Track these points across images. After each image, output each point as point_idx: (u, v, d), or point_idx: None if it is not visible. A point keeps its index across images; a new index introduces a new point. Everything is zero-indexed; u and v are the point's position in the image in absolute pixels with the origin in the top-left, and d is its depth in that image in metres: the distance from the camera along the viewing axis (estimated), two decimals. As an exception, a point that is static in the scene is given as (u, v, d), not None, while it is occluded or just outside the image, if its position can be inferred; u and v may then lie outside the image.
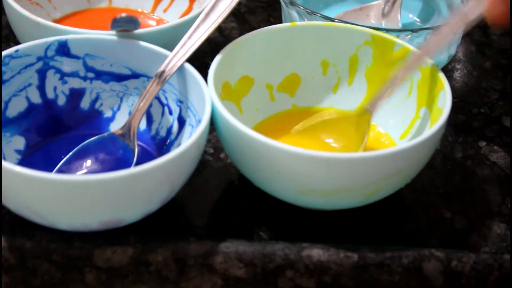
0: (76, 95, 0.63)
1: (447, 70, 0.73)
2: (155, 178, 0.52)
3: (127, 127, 0.59)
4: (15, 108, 0.60)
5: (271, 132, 0.61)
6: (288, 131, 0.62)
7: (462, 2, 0.70)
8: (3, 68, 0.59)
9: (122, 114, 0.63)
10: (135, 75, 0.62)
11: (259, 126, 0.63)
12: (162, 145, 0.61)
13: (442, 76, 0.59)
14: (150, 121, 0.62)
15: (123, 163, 0.58)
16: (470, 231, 0.58)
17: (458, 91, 0.71)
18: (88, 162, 0.59)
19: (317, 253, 0.55)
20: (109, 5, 0.75)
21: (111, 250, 0.55)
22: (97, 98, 0.63)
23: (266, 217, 0.59)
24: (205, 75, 0.60)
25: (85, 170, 0.58)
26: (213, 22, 0.62)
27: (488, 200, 0.61)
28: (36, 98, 0.61)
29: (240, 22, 0.77)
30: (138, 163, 0.52)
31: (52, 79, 0.62)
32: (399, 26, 0.71)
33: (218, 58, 0.60)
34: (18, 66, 0.60)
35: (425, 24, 0.75)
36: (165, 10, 0.74)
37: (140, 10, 0.75)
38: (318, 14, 0.66)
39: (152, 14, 0.74)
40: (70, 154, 0.59)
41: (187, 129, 0.60)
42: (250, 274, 0.55)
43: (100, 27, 0.64)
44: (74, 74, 0.62)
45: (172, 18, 0.73)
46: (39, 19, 0.63)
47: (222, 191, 0.61)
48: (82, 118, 0.63)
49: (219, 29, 0.75)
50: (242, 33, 0.75)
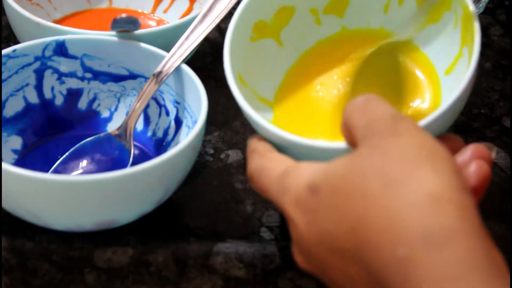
0: (73, 95, 0.63)
1: (448, 71, 0.73)
2: (150, 179, 0.52)
3: (124, 128, 0.59)
4: (12, 107, 0.60)
5: (314, 70, 0.60)
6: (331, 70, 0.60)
7: None
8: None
9: (120, 115, 0.63)
10: (133, 76, 0.62)
11: (303, 57, 0.61)
12: (159, 146, 0.61)
13: (477, 26, 0.55)
14: (147, 121, 0.62)
15: (119, 164, 0.58)
16: (471, 231, 0.58)
17: (459, 92, 0.71)
18: (84, 163, 0.59)
19: (317, 253, 0.55)
20: (109, 5, 0.75)
21: (111, 250, 0.55)
22: (94, 99, 0.63)
23: (266, 217, 0.59)
24: (205, 76, 0.60)
25: (81, 171, 0.58)
26: (210, 23, 0.62)
27: (488, 200, 0.61)
28: (33, 98, 0.61)
29: (240, 22, 0.77)
30: (135, 164, 0.52)
31: (49, 79, 0.62)
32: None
33: (243, 4, 0.57)
34: (15, 65, 0.60)
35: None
36: (165, 11, 0.74)
37: (140, 11, 0.75)
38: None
39: (152, 15, 0.74)
40: (67, 154, 0.59)
41: (184, 130, 0.60)
42: (250, 275, 0.55)
43: (100, 28, 0.64)
44: (72, 74, 0.62)
45: (172, 18, 0.73)
46: (39, 20, 0.63)
47: (222, 192, 0.61)
48: (79, 118, 0.63)
49: (219, 29, 0.75)
50: (242, 33, 0.75)
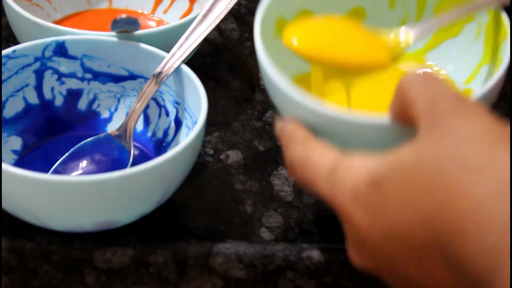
0: (73, 96, 0.63)
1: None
2: (150, 179, 0.52)
3: (124, 128, 0.60)
4: (12, 108, 0.60)
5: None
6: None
7: None
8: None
9: (119, 115, 0.63)
10: (133, 76, 0.62)
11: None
12: (159, 146, 0.61)
13: (507, 23, 0.55)
14: (147, 122, 0.62)
15: (119, 164, 0.58)
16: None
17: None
18: (84, 163, 0.59)
19: (317, 254, 0.55)
20: (109, 6, 0.75)
21: (111, 251, 0.55)
22: (94, 99, 0.63)
23: (266, 218, 0.59)
24: (205, 76, 0.60)
25: (81, 171, 0.58)
26: (210, 23, 0.62)
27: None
28: (33, 99, 0.61)
29: (240, 23, 0.77)
30: (135, 165, 0.52)
31: (49, 80, 0.62)
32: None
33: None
34: (15, 66, 0.60)
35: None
36: (165, 11, 0.74)
37: (140, 11, 0.75)
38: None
39: (152, 15, 0.74)
40: (66, 155, 0.59)
41: (184, 130, 0.60)
42: (250, 275, 0.55)
43: (100, 28, 0.64)
44: (72, 75, 0.62)
45: (172, 19, 0.73)
46: (39, 20, 0.63)
47: (222, 192, 0.61)
48: (79, 119, 0.63)
49: (219, 30, 0.75)
50: (242, 34, 0.75)
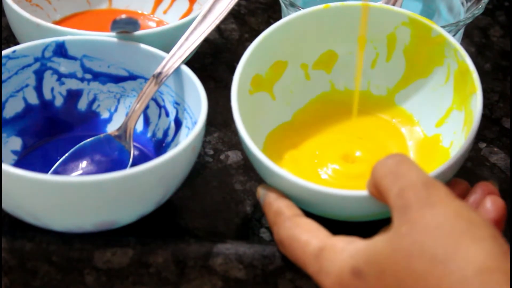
0: (73, 96, 0.63)
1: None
2: (149, 180, 0.52)
3: (123, 129, 0.60)
4: (12, 108, 0.60)
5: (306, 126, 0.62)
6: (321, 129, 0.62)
7: (462, 4, 0.70)
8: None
9: (119, 116, 0.63)
10: (132, 77, 0.62)
11: (296, 116, 0.63)
12: (159, 146, 0.61)
13: (476, 77, 0.57)
14: (147, 122, 0.62)
15: (119, 165, 0.58)
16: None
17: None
18: (84, 164, 0.59)
19: (317, 254, 0.55)
20: (109, 6, 0.75)
21: (111, 251, 0.55)
22: (94, 99, 0.63)
23: (266, 218, 0.59)
24: (205, 77, 0.60)
25: (80, 172, 0.58)
26: (210, 23, 0.62)
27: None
28: (33, 99, 0.61)
29: (240, 23, 0.77)
30: (135, 165, 0.52)
31: (49, 80, 0.62)
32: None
33: (245, 57, 0.58)
34: (15, 66, 0.60)
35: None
36: (165, 12, 0.74)
37: (140, 12, 0.75)
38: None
39: (152, 16, 0.74)
40: (66, 155, 0.59)
41: (184, 131, 0.60)
42: (250, 276, 0.55)
43: (100, 29, 0.64)
44: (72, 75, 0.62)
45: (172, 19, 0.73)
46: (39, 21, 0.63)
47: (222, 193, 0.61)
48: (79, 119, 0.63)
49: (219, 30, 0.75)
50: (242, 34, 0.75)
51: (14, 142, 0.60)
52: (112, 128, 0.63)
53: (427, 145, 0.61)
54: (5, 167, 0.50)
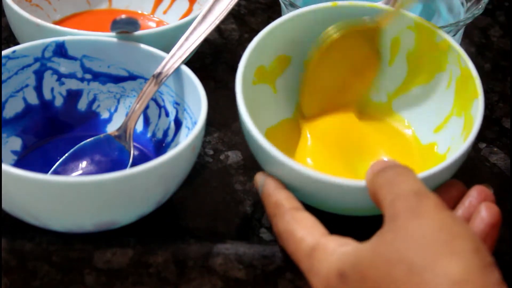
0: (73, 96, 0.63)
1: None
2: (150, 180, 0.52)
3: (123, 129, 0.59)
4: (12, 109, 0.60)
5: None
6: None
7: (462, 4, 0.70)
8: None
9: (119, 116, 0.63)
10: (132, 77, 0.62)
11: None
12: (159, 147, 0.61)
13: (478, 83, 0.57)
14: (147, 123, 0.62)
15: (119, 165, 0.58)
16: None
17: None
18: (84, 164, 0.59)
19: (317, 254, 0.55)
20: (109, 6, 0.75)
21: (111, 251, 0.55)
22: (94, 100, 0.63)
23: (266, 218, 0.59)
24: (205, 77, 0.60)
25: (80, 172, 0.58)
26: (210, 23, 0.62)
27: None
28: (33, 99, 0.61)
29: (240, 23, 0.77)
30: (135, 165, 0.52)
31: (49, 80, 0.62)
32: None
33: (252, 45, 0.58)
34: (15, 67, 0.60)
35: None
36: (165, 12, 0.74)
37: (140, 12, 0.75)
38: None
39: (152, 16, 0.74)
40: (66, 155, 0.59)
41: (184, 131, 0.60)
42: (250, 276, 0.55)
43: (100, 29, 0.64)
44: (72, 75, 0.62)
45: (172, 19, 0.73)
46: (39, 21, 0.63)
47: (222, 193, 0.61)
48: (79, 119, 0.63)
49: (219, 30, 0.75)
50: (242, 34, 0.75)
51: (14, 142, 0.60)
52: (112, 128, 0.63)
53: (422, 152, 0.61)
54: (5, 167, 0.50)
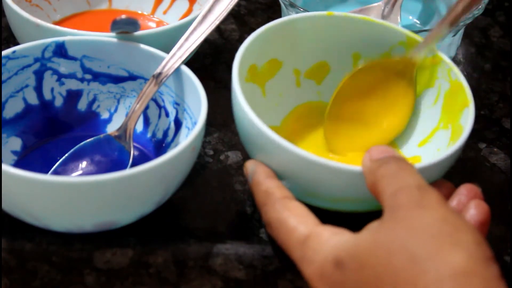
0: (73, 97, 0.63)
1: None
2: (150, 180, 0.52)
3: (123, 129, 0.60)
4: (12, 109, 0.60)
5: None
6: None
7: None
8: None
9: (119, 116, 0.63)
10: (132, 77, 0.62)
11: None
12: (159, 147, 0.61)
13: (469, 92, 0.58)
14: (147, 123, 0.62)
15: (119, 165, 0.58)
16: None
17: (458, 93, 0.71)
18: (83, 164, 0.59)
19: (317, 255, 0.55)
20: (109, 7, 0.75)
21: (111, 252, 0.55)
22: (94, 100, 0.63)
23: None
24: (205, 77, 0.60)
25: (80, 172, 0.58)
26: (210, 24, 0.62)
27: (487, 202, 0.61)
28: (33, 99, 0.61)
29: (240, 24, 0.77)
30: (135, 165, 0.52)
31: (49, 80, 0.62)
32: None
33: (247, 42, 0.59)
34: (15, 67, 0.60)
35: (425, 26, 0.75)
36: (165, 12, 0.74)
37: (140, 12, 0.75)
38: (318, 16, 0.66)
39: (152, 16, 0.74)
40: (66, 155, 0.59)
41: (184, 131, 0.60)
42: (250, 276, 0.55)
43: (100, 29, 0.64)
44: (71, 76, 0.62)
45: (172, 20, 0.73)
46: (39, 21, 0.63)
47: (222, 193, 0.61)
48: (79, 120, 0.63)
49: (219, 30, 0.75)
50: (241, 35, 0.75)
51: (14, 143, 0.60)
52: (112, 128, 0.63)
53: None
54: (5, 168, 0.50)
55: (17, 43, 0.67)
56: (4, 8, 0.66)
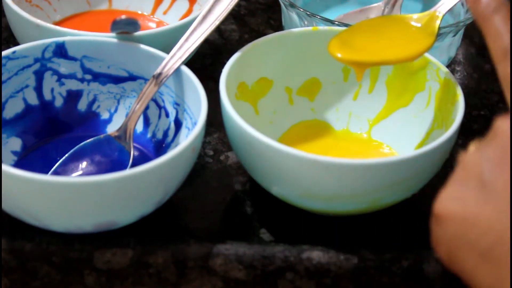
0: (73, 97, 0.63)
1: (447, 72, 0.73)
2: (149, 180, 0.52)
3: (123, 129, 0.60)
4: (12, 109, 0.60)
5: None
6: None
7: (462, 4, 0.70)
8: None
9: (119, 116, 0.63)
10: (132, 77, 0.62)
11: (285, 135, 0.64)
12: (159, 147, 0.61)
13: (458, 88, 0.58)
14: (147, 123, 0.62)
15: (119, 165, 0.58)
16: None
17: (458, 93, 0.71)
18: (83, 164, 0.59)
19: (317, 255, 0.55)
20: (109, 7, 0.75)
21: (111, 252, 0.55)
22: (94, 100, 0.63)
23: (266, 219, 0.59)
24: (205, 77, 0.60)
25: (80, 172, 0.58)
26: (210, 24, 0.62)
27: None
28: (33, 100, 0.61)
29: (240, 24, 0.77)
30: (135, 165, 0.52)
31: (49, 81, 0.62)
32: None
33: (234, 58, 0.59)
34: (15, 67, 0.60)
35: (425, 26, 0.75)
36: (165, 12, 0.74)
37: (140, 12, 0.75)
38: (318, 16, 0.66)
39: (152, 16, 0.74)
40: (66, 156, 0.59)
41: (184, 131, 0.60)
42: (250, 276, 0.55)
43: (100, 29, 0.64)
44: (72, 76, 0.62)
45: (172, 20, 0.73)
46: (39, 21, 0.63)
47: (222, 193, 0.61)
48: (79, 120, 0.63)
49: (219, 31, 0.75)
50: (242, 35, 0.75)
51: (14, 143, 0.60)
52: (112, 128, 0.63)
53: None
54: (5, 168, 0.50)
55: (17, 43, 0.67)
56: (4, 8, 0.66)
